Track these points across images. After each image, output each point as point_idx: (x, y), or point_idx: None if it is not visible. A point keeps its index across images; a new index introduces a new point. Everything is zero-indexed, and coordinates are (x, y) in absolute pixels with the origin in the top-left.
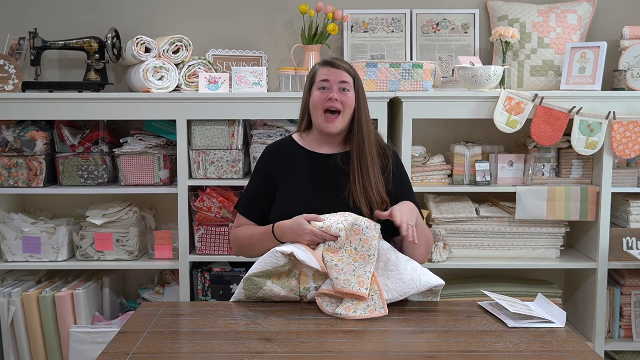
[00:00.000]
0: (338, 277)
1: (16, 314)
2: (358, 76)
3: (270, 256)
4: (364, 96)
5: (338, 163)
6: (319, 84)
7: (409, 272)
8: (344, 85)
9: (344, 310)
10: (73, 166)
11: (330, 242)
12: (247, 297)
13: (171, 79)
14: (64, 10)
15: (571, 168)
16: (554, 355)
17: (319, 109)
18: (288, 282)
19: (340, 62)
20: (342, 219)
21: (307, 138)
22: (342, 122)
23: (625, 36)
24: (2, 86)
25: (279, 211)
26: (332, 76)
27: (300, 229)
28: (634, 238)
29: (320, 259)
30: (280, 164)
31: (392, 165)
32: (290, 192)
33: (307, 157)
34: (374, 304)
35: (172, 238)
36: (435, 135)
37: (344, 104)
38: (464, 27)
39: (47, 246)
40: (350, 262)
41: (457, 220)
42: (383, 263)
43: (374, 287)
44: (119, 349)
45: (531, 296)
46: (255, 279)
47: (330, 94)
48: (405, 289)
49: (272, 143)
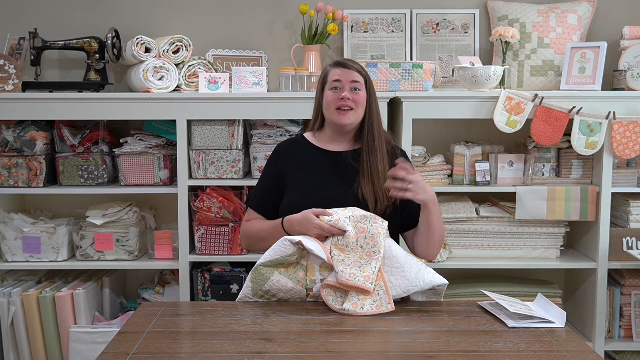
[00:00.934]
0: (344, 271)
1: (16, 314)
2: (369, 77)
3: (279, 245)
4: (375, 96)
5: (348, 160)
6: (331, 84)
7: (414, 270)
8: (355, 85)
9: (352, 306)
10: (73, 166)
11: (338, 237)
12: (254, 292)
13: (171, 79)
14: (64, 10)
15: (571, 168)
16: (554, 355)
17: (332, 107)
18: (295, 273)
19: (351, 63)
20: (350, 214)
21: (319, 136)
22: (355, 117)
23: (625, 36)
24: (2, 86)
25: (288, 206)
26: (344, 76)
27: (308, 222)
28: (634, 238)
29: (327, 251)
30: (290, 160)
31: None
32: (300, 187)
33: (318, 154)
34: (380, 300)
35: (172, 238)
36: (435, 135)
37: (356, 102)
38: (464, 27)
39: (47, 246)
40: (357, 260)
41: (457, 220)
42: (388, 260)
43: (380, 283)
44: (119, 349)
45: (531, 296)
46: (263, 269)
47: (342, 94)
48: (409, 286)
49: (283, 140)
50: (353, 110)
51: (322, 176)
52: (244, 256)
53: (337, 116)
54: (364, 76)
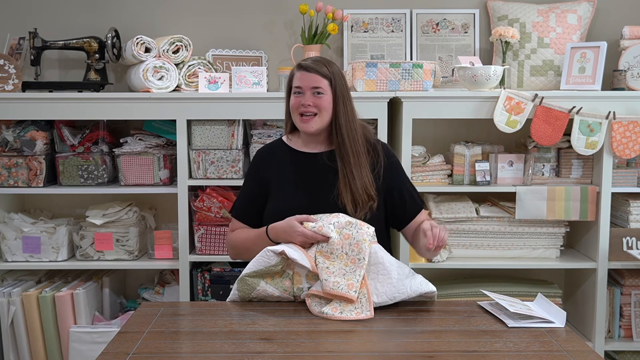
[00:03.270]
0: (328, 279)
1: (16, 314)
2: (337, 75)
3: (262, 256)
4: (344, 95)
5: (325, 161)
6: (294, 89)
7: (401, 277)
8: (317, 90)
9: (331, 310)
10: (73, 166)
11: (323, 244)
12: (242, 299)
13: (171, 79)
14: (64, 10)
15: (571, 168)
16: (554, 355)
17: (295, 113)
18: (282, 282)
19: (314, 65)
20: (335, 220)
21: (294, 139)
22: (320, 122)
23: (625, 36)
24: (2, 86)
25: (272, 212)
26: (305, 82)
27: (292, 230)
28: (634, 238)
29: (312, 259)
30: (270, 166)
31: (383, 159)
32: (282, 193)
33: (296, 157)
34: (362, 307)
35: (172, 238)
36: (435, 135)
37: (319, 106)
38: (464, 27)
39: (47, 246)
40: (342, 267)
41: (457, 220)
42: (374, 267)
43: (363, 291)
44: (119, 349)
45: (531, 296)
46: (249, 280)
47: (303, 100)
48: (395, 293)
49: (262, 146)
50: (317, 116)
51: (302, 180)
52: None
53: (301, 123)
54: (328, 77)
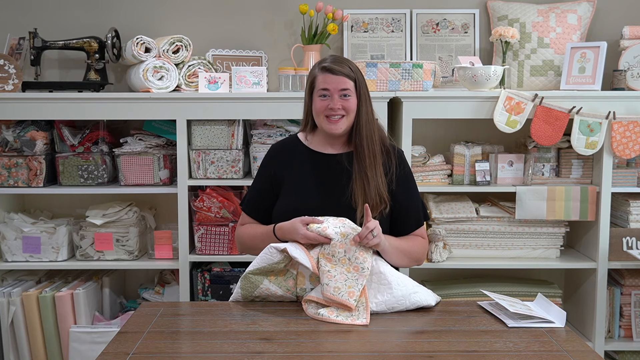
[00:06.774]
0: (329, 284)
1: (16, 314)
2: (360, 76)
3: (266, 253)
4: (366, 95)
5: (343, 163)
6: (319, 92)
7: (401, 288)
8: (344, 92)
9: (327, 312)
10: (73, 166)
11: (325, 245)
12: (245, 297)
13: (171, 79)
14: (64, 10)
15: (571, 168)
16: (554, 355)
17: (321, 115)
18: (285, 282)
19: (339, 67)
20: (340, 225)
21: (312, 139)
22: (347, 123)
23: (625, 36)
24: (2, 86)
25: (282, 210)
26: (332, 84)
27: (295, 232)
28: (634, 238)
29: (313, 260)
30: (284, 163)
31: (396, 166)
32: (294, 191)
33: (312, 157)
34: (358, 314)
35: (172, 238)
36: (435, 135)
37: (347, 109)
38: (464, 27)
39: (47, 246)
40: (343, 272)
41: (457, 220)
42: (376, 276)
43: (362, 299)
44: (119, 349)
45: (531, 296)
46: (252, 277)
47: (332, 104)
48: (394, 304)
49: (277, 142)
50: (344, 117)
51: (316, 180)
52: (244, 256)
53: (328, 125)
54: (354, 79)
